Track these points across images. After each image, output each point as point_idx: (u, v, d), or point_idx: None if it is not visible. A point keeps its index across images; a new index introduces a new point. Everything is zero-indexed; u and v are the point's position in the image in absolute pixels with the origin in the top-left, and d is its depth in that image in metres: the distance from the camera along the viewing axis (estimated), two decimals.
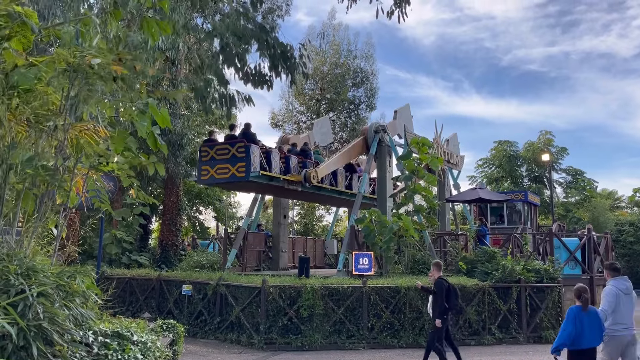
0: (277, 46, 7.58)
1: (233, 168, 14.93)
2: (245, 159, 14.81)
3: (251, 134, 16.05)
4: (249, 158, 14.82)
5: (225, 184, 15.82)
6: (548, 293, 14.04)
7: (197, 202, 31.86)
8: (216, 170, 15.17)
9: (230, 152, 15.03)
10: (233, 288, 13.91)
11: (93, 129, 4.75)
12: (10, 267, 3.44)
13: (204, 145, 15.90)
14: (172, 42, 14.63)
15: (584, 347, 6.62)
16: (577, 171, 40.89)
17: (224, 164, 15.09)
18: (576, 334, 6.57)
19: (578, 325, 6.59)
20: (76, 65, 4.12)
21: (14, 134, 4.15)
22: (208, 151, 15.47)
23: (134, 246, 21.30)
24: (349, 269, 15.56)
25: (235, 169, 14.89)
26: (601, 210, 34.56)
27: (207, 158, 15.35)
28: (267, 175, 15.63)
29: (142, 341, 4.50)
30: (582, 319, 6.63)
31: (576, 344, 6.60)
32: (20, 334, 3.12)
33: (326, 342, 12.69)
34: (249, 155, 14.85)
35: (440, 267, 10.45)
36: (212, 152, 15.37)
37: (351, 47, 41.02)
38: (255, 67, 8.19)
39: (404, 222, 15.66)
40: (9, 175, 3.94)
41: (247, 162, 14.78)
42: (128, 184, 5.44)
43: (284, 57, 7.68)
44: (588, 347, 6.65)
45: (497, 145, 41.04)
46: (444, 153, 21.51)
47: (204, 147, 15.72)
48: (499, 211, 25.38)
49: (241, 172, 14.82)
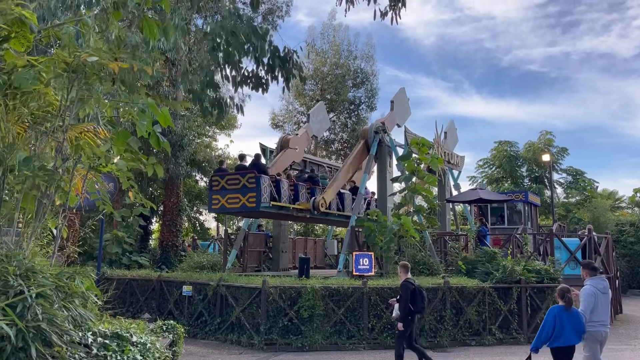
0: (272, 50, 7.56)
1: (244, 198, 15.36)
2: (256, 190, 15.26)
3: (261, 164, 16.50)
4: (260, 189, 15.27)
5: (236, 212, 16.36)
6: (549, 293, 14.01)
7: (198, 202, 31.87)
8: (227, 199, 15.62)
9: (241, 183, 15.46)
10: (233, 289, 13.90)
11: (93, 130, 4.74)
12: (9, 268, 3.43)
13: (214, 175, 16.32)
14: (172, 43, 14.64)
15: (564, 345, 6.99)
16: (577, 171, 40.82)
17: (234, 193, 15.53)
18: (557, 332, 6.95)
19: (558, 324, 6.96)
20: (75, 66, 4.11)
21: (13, 135, 4.14)
22: (219, 181, 15.89)
23: (134, 247, 21.31)
24: (349, 270, 15.56)
25: (245, 199, 15.33)
26: (602, 211, 34.48)
27: (217, 187, 15.77)
28: (277, 205, 16.06)
29: (142, 342, 4.50)
30: (563, 318, 6.99)
31: (556, 341, 6.97)
32: (19, 335, 3.11)
33: (327, 342, 12.68)
34: (259, 186, 15.28)
35: (407, 269, 10.14)
36: (223, 181, 15.80)
37: (351, 47, 40.99)
38: (252, 70, 8.18)
39: (404, 223, 15.64)
40: (8, 177, 3.94)
41: (257, 192, 15.25)
42: (127, 187, 5.43)
43: (282, 61, 7.67)
44: (568, 345, 7.02)
45: (497, 145, 40.98)
46: (444, 153, 21.49)
47: (214, 177, 16.14)
48: (500, 211, 25.36)
49: (252, 202, 15.25)
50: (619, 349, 12.82)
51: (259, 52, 7.39)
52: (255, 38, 7.30)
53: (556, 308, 7.10)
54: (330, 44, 40.81)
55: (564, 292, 7.12)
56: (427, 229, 17.46)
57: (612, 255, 19.26)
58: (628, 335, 15.06)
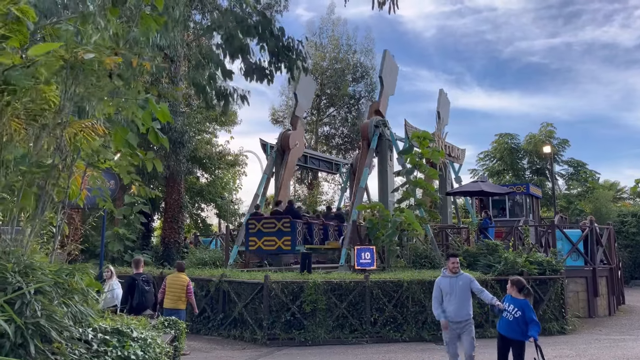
0: (281, 37, 7.54)
1: (279, 241, 16.83)
2: (291, 234, 16.72)
3: (295, 209, 18.18)
4: (295, 232, 16.75)
5: (272, 255, 17.80)
6: (551, 285, 14.01)
7: (199, 199, 31.85)
8: (263, 241, 17.04)
9: (277, 227, 16.92)
10: (236, 284, 13.92)
11: (91, 126, 4.73)
12: (8, 265, 3.41)
13: (251, 218, 17.78)
14: (170, 39, 14.60)
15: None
16: (578, 163, 40.76)
17: (270, 236, 16.98)
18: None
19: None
20: (72, 62, 4.09)
21: (10, 132, 4.12)
22: (255, 224, 17.34)
23: (136, 244, 21.34)
24: (351, 264, 15.56)
25: (281, 242, 16.80)
26: (603, 202, 34.38)
27: (254, 230, 17.18)
28: (310, 247, 17.20)
29: (142, 337, 4.49)
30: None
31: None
32: (17, 332, 3.10)
33: (329, 336, 12.70)
34: (294, 230, 16.75)
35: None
36: (259, 225, 17.26)
37: (350, 41, 40.94)
38: (255, 62, 8.14)
39: (406, 216, 15.63)
40: (5, 173, 3.92)
41: (292, 236, 16.72)
42: (128, 182, 5.41)
43: (287, 49, 7.63)
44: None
45: (498, 138, 40.93)
46: (445, 146, 21.45)
47: (251, 220, 17.58)
48: (501, 204, 25.31)
49: (287, 245, 16.73)
50: (622, 339, 12.83)
51: (267, 38, 7.38)
52: (266, 23, 7.29)
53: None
54: (330, 38, 40.75)
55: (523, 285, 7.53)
56: (428, 223, 17.46)
57: (614, 246, 19.25)
58: (630, 326, 15.07)
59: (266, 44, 7.50)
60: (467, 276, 8.15)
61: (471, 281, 8.08)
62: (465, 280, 8.03)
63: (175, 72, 20.30)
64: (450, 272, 8.09)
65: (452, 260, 8.17)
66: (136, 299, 9.78)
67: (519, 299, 7.40)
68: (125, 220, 21.27)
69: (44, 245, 4.76)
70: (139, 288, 9.89)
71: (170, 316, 8.39)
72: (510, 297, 7.55)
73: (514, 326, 7.27)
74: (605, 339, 12.79)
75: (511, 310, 7.33)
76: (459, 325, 7.93)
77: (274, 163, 20.82)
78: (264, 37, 7.46)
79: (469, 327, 7.99)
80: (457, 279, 8.01)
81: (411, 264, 16.06)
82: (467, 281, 8.04)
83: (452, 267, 8.08)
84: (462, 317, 7.90)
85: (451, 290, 7.96)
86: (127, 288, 9.87)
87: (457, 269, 8.09)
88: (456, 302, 7.90)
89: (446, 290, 7.99)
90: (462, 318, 7.90)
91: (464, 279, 8.05)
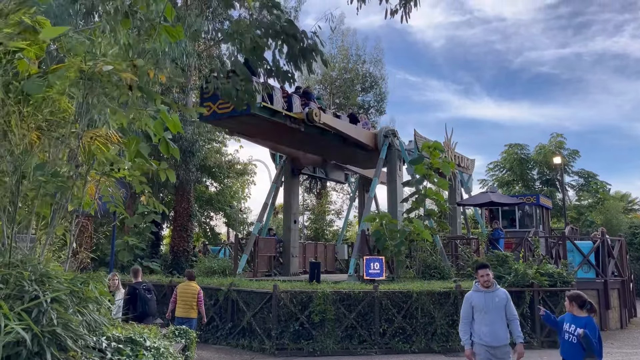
0: (305, 39, 7.64)
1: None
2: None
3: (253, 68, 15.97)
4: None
5: (228, 119, 15.52)
6: (562, 297, 13.88)
7: (208, 208, 31.94)
8: (218, 105, 14.92)
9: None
10: (244, 294, 13.92)
11: (105, 135, 4.79)
12: (25, 274, 3.46)
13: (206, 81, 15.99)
14: (181, 51, 14.74)
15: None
16: (589, 174, 40.48)
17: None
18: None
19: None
20: (90, 73, 4.16)
21: (26, 142, 4.19)
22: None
23: (145, 252, 21.41)
24: (360, 274, 15.52)
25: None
26: (614, 213, 34.08)
27: (209, 95, 14.96)
28: (269, 108, 15.16)
29: (155, 347, 4.52)
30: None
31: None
32: (34, 340, 3.13)
33: (338, 347, 12.65)
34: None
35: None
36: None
37: (360, 51, 41.05)
38: (277, 65, 8.26)
39: (415, 226, 15.59)
40: (22, 183, 3.97)
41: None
42: (140, 190, 5.47)
43: (310, 51, 7.71)
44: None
45: (508, 148, 40.77)
46: (455, 157, 21.41)
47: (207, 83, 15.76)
48: (511, 215, 25.15)
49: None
50: (635, 352, 12.68)
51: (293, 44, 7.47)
52: (290, 27, 7.39)
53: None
54: (339, 48, 40.89)
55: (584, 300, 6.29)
56: (438, 233, 17.39)
57: (625, 258, 19.06)
58: None
59: (290, 48, 7.60)
60: (503, 292, 6.79)
61: (508, 299, 6.71)
62: (501, 297, 6.67)
63: (187, 82, 20.48)
64: (482, 286, 6.74)
65: (482, 273, 6.75)
66: (139, 307, 9.81)
67: (581, 317, 6.17)
68: (136, 229, 21.36)
69: (56, 253, 4.81)
70: (141, 297, 9.93)
71: (182, 325, 8.43)
72: (570, 315, 6.28)
73: (579, 349, 6.11)
74: (617, 352, 12.64)
75: (573, 332, 6.09)
76: (495, 352, 6.49)
77: (283, 172, 20.86)
78: (288, 42, 7.55)
79: (507, 355, 6.57)
80: (492, 295, 6.65)
81: (420, 274, 15.99)
82: (504, 298, 6.69)
83: (484, 281, 6.70)
84: (500, 341, 6.50)
85: (486, 308, 6.58)
86: (129, 297, 9.89)
87: (489, 283, 6.69)
88: (492, 322, 6.53)
89: (479, 308, 6.62)
90: (500, 342, 6.50)
91: (501, 295, 6.69)
